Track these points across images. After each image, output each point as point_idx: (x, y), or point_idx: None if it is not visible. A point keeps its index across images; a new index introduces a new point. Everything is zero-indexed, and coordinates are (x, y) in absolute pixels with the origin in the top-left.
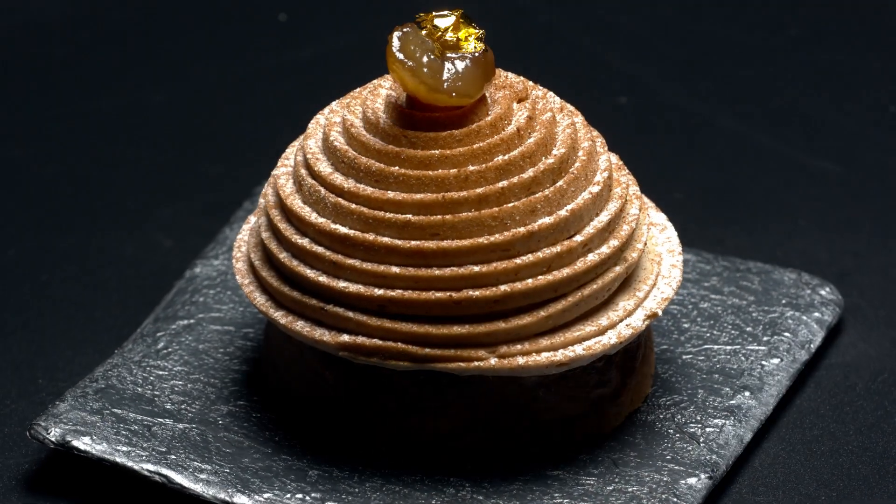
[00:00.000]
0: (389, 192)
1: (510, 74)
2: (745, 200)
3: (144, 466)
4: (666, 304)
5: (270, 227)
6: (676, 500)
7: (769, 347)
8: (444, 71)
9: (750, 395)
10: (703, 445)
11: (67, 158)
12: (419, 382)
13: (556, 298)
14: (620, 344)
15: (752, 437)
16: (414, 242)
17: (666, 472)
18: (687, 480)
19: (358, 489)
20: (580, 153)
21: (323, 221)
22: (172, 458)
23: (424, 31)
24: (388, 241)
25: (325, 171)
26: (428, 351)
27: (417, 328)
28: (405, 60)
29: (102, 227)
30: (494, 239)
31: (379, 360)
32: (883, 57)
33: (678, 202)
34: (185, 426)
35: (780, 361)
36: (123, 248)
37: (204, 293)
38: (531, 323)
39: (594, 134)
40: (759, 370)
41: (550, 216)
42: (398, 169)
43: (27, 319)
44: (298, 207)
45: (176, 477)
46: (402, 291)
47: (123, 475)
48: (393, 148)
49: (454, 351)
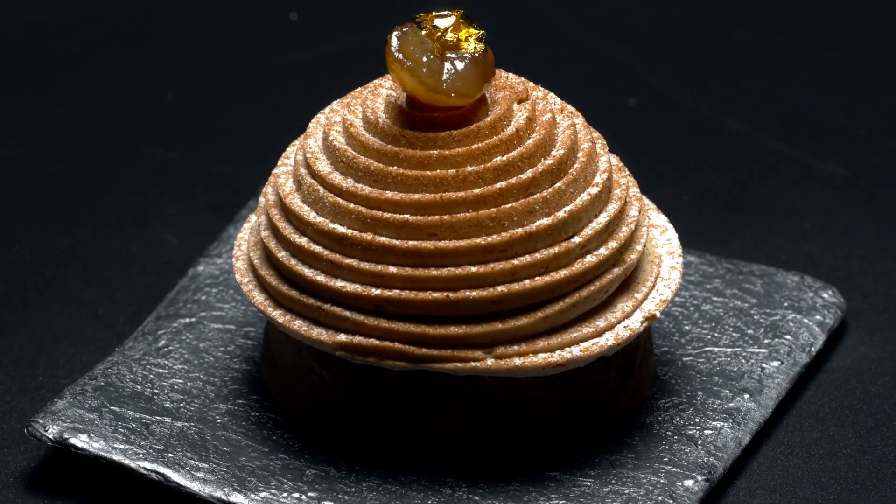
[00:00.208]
0: (387, 191)
1: (511, 75)
2: (751, 203)
3: (141, 464)
4: (664, 306)
5: (270, 225)
6: (673, 502)
7: (770, 350)
8: (443, 71)
9: (749, 397)
10: (700, 448)
11: (74, 157)
12: (416, 382)
13: (553, 299)
14: (618, 346)
15: (750, 439)
16: (411, 242)
17: (663, 473)
18: (684, 483)
19: (354, 489)
20: (580, 154)
21: (321, 221)
22: (170, 456)
23: (424, 31)
24: (385, 240)
25: (324, 170)
26: (425, 351)
27: (414, 328)
28: (404, 60)
29: (108, 225)
30: (492, 240)
31: (376, 359)
32: (893, 60)
33: (685, 204)
34: (183, 424)
35: (780, 364)
36: (128, 245)
37: (206, 292)
38: (528, 324)
39: (595, 135)
40: (759, 373)
41: (548, 217)
42: (396, 169)
43: (30, 316)
44: (297, 206)
45: (172, 475)
46: (399, 291)
47: (121, 473)
48: (392, 148)
49: (451, 351)
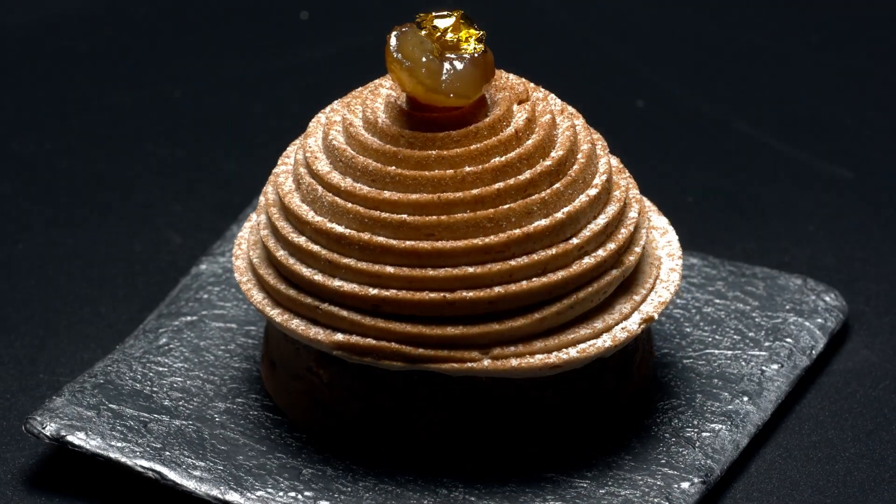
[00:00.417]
0: (386, 191)
1: (511, 76)
2: (756, 205)
3: (138, 462)
4: (663, 308)
5: (269, 224)
6: None
7: (770, 353)
8: (442, 71)
9: (748, 400)
10: (698, 450)
11: (83, 153)
12: (413, 382)
13: (550, 301)
14: (615, 347)
15: (748, 442)
16: (409, 242)
17: (660, 476)
18: (680, 485)
19: (351, 488)
20: (579, 156)
21: (319, 220)
22: (167, 454)
23: (424, 31)
24: (383, 240)
25: (323, 169)
26: (421, 351)
27: (411, 328)
28: (403, 60)
29: (113, 222)
30: (490, 240)
31: (372, 359)
32: None
33: (689, 205)
34: (181, 423)
35: (780, 367)
36: (133, 243)
37: (208, 290)
38: (525, 325)
39: (595, 136)
40: (759, 376)
41: (546, 218)
42: (395, 169)
43: (32, 314)
44: (296, 206)
45: (169, 473)
46: (396, 291)
47: (118, 471)
48: (390, 148)
49: (447, 352)
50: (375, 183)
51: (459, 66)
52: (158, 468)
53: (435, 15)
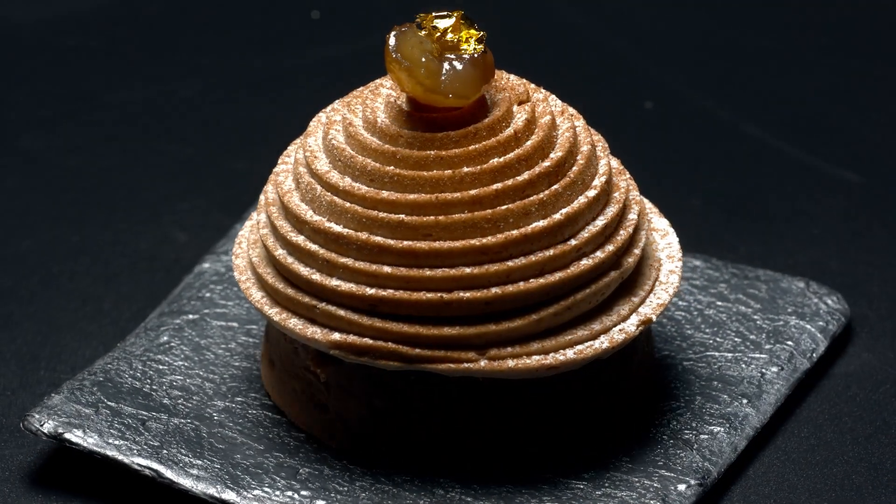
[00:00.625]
0: (384, 191)
1: (512, 76)
2: (762, 208)
3: (135, 460)
4: (661, 310)
5: (269, 223)
6: None
7: (771, 356)
8: (441, 72)
9: (748, 402)
10: (696, 452)
11: (88, 151)
12: (410, 382)
13: (548, 302)
14: (612, 349)
15: (746, 445)
16: (406, 242)
17: (657, 477)
18: (677, 487)
19: (347, 488)
20: (578, 157)
21: (318, 219)
22: (164, 452)
23: (424, 31)
24: (380, 240)
25: (322, 169)
26: (418, 351)
27: (408, 328)
28: (402, 60)
29: (118, 220)
30: (487, 241)
31: (369, 359)
32: None
33: (695, 208)
34: (179, 421)
35: (780, 370)
36: (138, 241)
37: (211, 289)
38: (522, 325)
39: (595, 138)
40: (758, 378)
41: (544, 219)
42: (393, 169)
43: (35, 311)
44: (295, 205)
45: (166, 472)
46: (393, 291)
47: (116, 469)
48: (389, 147)
49: (444, 352)
50: (374, 183)
51: (459, 66)
52: (155, 466)
53: (435, 15)
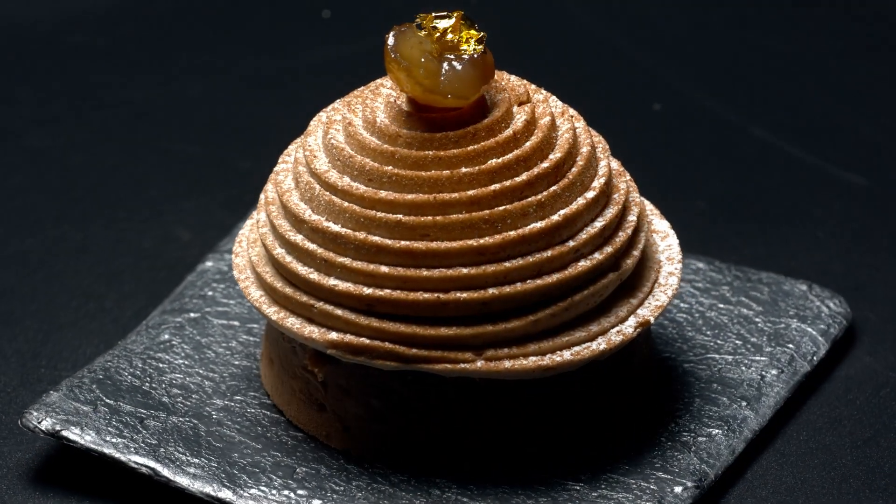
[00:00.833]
0: (382, 191)
1: (512, 77)
2: (767, 211)
3: (132, 458)
4: (659, 312)
5: (268, 222)
6: None
7: (771, 358)
8: (440, 72)
9: (747, 405)
10: (693, 454)
11: (96, 148)
12: (407, 383)
13: (545, 303)
14: (610, 351)
15: (744, 447)
16: (404, 242)
17: (653, 479)
18: (674, 489)
19: (344, 487)
20: (578, 158)
21: (316, 219)
22: (161, 451)
23: (424, 31)
24: (378, 240)
25: (321, 168)
26: (415, 351)
27: (405, 328)
28: (401, 60)
29: (122, 218)
30: (485, 242)
31: (366, 359)
32: None
33: (700, 210)
34: (178, 419)
35: (780, 373)
36: (142, 239)
37: (213, 287)
38: (519, 326)
39: (596, 139)
40: (758, 381)
41: (542, 221)
42: (392, 168)
43: (36, 308)
44: (294, 204)
45: (163, 470)
46: (390, 291)
47: (113, 467)
48: (388, 147)
49: (441, 352)
50: (372, 182)
51: (458, 66)
52: (152, 464)
53: (435, 15)
